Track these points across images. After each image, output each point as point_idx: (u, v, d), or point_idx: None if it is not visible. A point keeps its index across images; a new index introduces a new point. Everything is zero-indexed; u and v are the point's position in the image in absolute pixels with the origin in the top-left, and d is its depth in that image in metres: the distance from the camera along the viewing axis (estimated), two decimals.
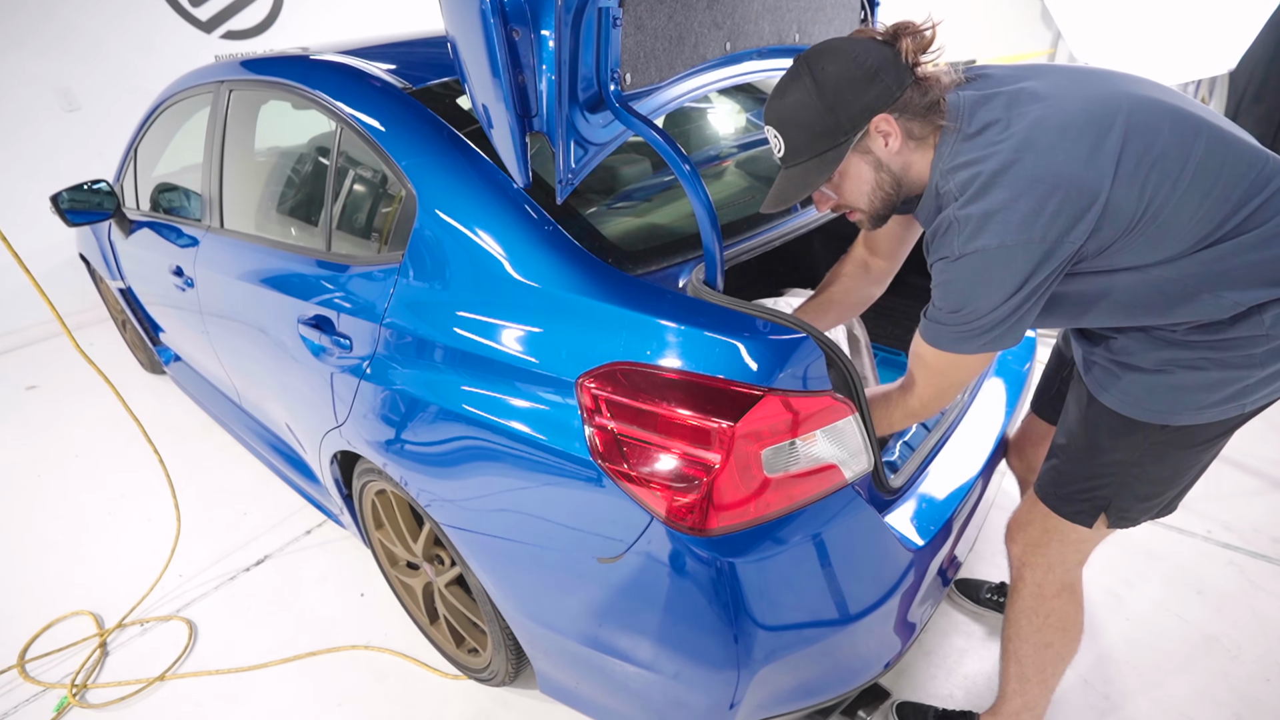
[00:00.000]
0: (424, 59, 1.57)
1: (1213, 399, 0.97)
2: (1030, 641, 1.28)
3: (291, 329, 1.57)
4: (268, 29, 4.65)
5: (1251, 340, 0.93)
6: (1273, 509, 2.11)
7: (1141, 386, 1.02)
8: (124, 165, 2.71)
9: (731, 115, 2.11)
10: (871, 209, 1.04)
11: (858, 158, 0.99)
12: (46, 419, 3.25)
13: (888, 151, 0.97)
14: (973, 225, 0.87)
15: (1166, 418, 1.01)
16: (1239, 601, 1.80)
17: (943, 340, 0.97)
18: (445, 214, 1.23)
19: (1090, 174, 0.86)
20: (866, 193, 1.02)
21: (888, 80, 0.93)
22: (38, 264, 3.74)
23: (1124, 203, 0.86)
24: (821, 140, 0.96)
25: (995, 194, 0.87)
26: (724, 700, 1.05)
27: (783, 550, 0.99)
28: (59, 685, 1.82)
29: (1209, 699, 1.56)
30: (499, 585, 1.30)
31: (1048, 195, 0.85)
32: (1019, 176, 0.86)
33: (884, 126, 0.95)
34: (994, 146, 0.89)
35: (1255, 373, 0.95)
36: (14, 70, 3.75)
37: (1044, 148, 0.87)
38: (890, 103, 0.94)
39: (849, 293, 1.33)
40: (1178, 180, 0.87)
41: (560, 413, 1.04)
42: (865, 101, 0.93)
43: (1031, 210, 0.85)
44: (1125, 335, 1.03)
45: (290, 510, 2.42)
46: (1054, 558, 1.22)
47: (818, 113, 0.94)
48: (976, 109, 0.93)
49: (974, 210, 0.88)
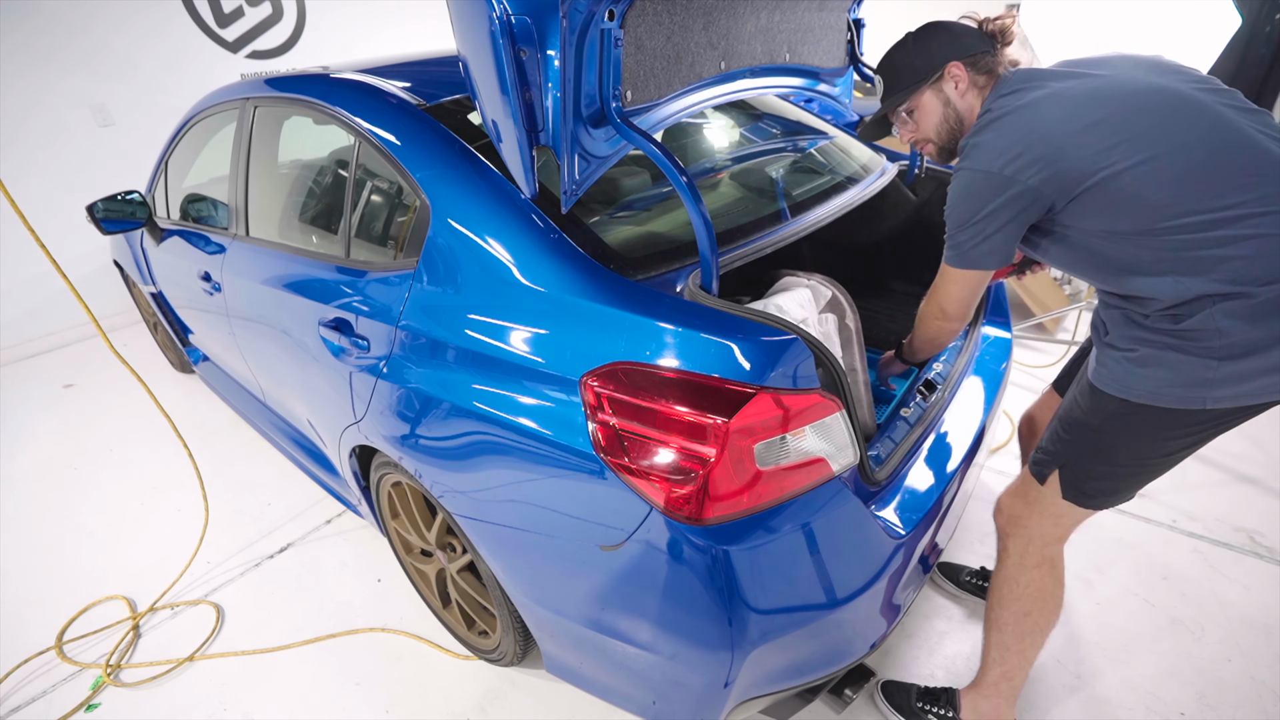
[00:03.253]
0: (437, 77, 1.57)
1: (1170, 381, 0.99)
2: (1010, 609, 1.30)
3: (313, 331, 1.57)
4: (290, 49, 4.65)
5: (1206, 333, 0.95)
6: (1234, 499, 2.11)
7: (1114, 360, 1.06)
8: (155, 177, 2.71)
9: (726, 130, 2.10)
10: (940, 139, 1.22)
11: (931, 94, 1.19)
12: (83, 415, 3.25)
13: (957, 93, 1.17)
14: (967, 150, 1.07)
15: (1126, 392, 1.04)
16: (1202, 586, 1.80)
17: (947, 254, 1.14)
18: (457, 223, 1.23)
19: (1060, 131, 0.99)
20: (935, 124, 1.21)
21: (967, 41, 1.15)
22: (75, 270, 3.75)
23: (1079, 159, 0.97)
24: (907, 76, 1.19)
25: (986, 132, 1.05)
26: (719, 679, 1.05)
27: (774, 538, 0.99)
28: (94, 665, 1.82)
29: (1174, 678, 1.56)
30: (508, 571, 1.30)
31: (1018, 140, 1.00)
32: (1007, 124, 1.03)
33: (955, 71, 1.15)
34: (1006, 104, 1.06)
35: (1214, 366, 0.96)
36: (53, 88, 3.75)
37: (1035, 110, 1.02)
38: (964, 55, 1.15)
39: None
40: (1147, 155, 0.94)
41: (565, 409, 1.04)
42: (945, 51, 1.15)
43: (1003, 148, 1.01)
44: (1109, 315, 1.09)
45: (311, 501, 2.42)
46: (1034, 529, 1.24)
47: (909, 57, 1.19)
48: (1017, 80, 1.10)
49: (972, 140, 1.07)
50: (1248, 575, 1.83)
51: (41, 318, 4.07)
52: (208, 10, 4.20)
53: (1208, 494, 2.13)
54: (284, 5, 4.53)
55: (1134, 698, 1.52)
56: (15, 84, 3.63)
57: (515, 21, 0.90)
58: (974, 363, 1.67)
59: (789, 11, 1.32)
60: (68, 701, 1.72)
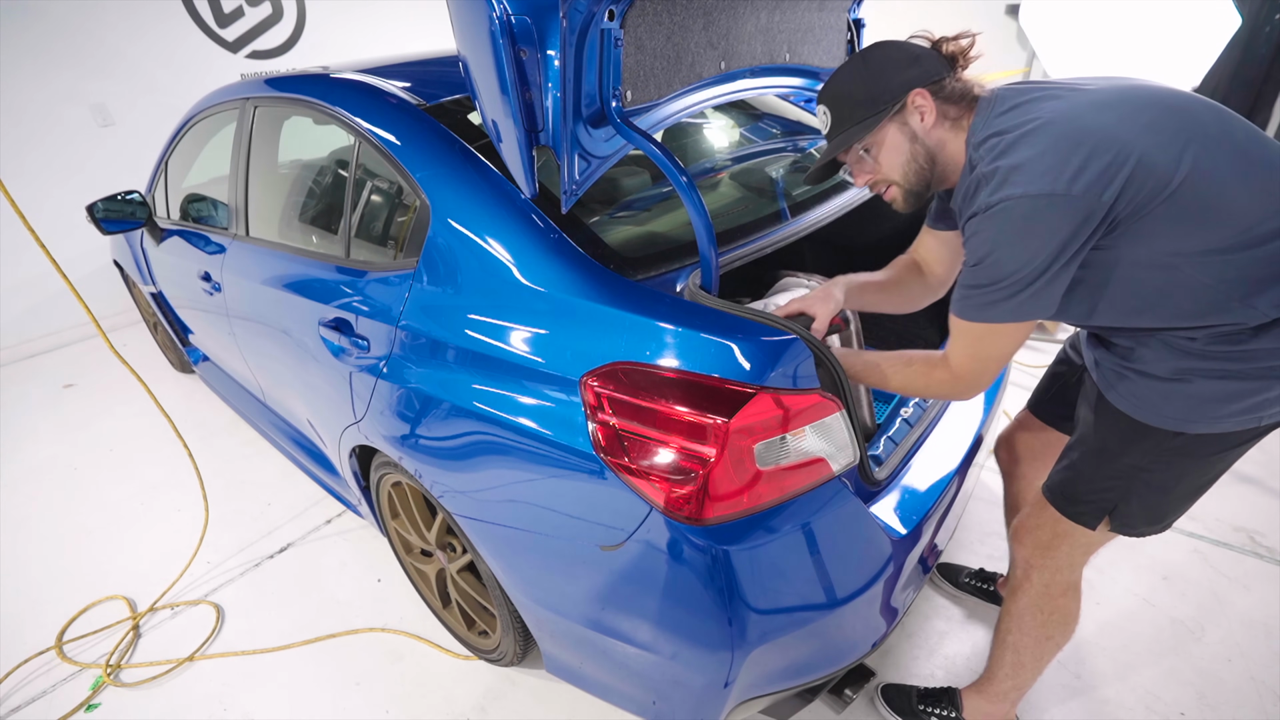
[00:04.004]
0: (437, 77, 1.57)
1: (1230, 409, 0.91)
2: (1032, 635, 1.26)
3: (313, 331, 1.57)
4: (290, 49, 4.65)
5: (1274, 352, 0.87)
6: (1234, 500, 2.10)
7: (1156, 393, 0.95)
8: (155, 177, 2.71)
9: (726, 130, 2.10)
10: (906, 182, 1.02)
11: (895, 129, 0.99)
12: (83, 415, 3.25)
13: (923, 126, 0.98)
14: (999, 177, 0.84)
15: (1182, 425, 0.95)
16: (1203, 587, 1.80)
17: (970, 308, 0.91)
18: (457, 223, 1.23)
19: (1121, 131, 0.81)
20: (901, 164, 1.00)
21: (928, 65, 0.97)
22: (75, 270, 3.75)
23: (1158, 161, 0.80)
24: (863, 108, 0.98)
25: (1021, 149, 0.84)
26: (719, 679, 1.05)
27: (774, 538, 0.99)
28: (94, 665, 1.82)
29: (1174, 678, 1.56)
30: (507, 571, 1.30)
31: (1074, 148, 0.81)
32: (1046, 134, 0.83)
33: (920, 101, 0.96)
34: (1023, 117, 0.87)
35: (1276, 385, 0.88)
36: (53, 88, 3.75)
37: (1075, 114, 0.84)
38: (928, 82, 0.96)
39: (906, 286, 1.25)
40: (1218, 156, 0.81)
41: (565, 410, 1.04)
42: (905, 78, 0.96)
43: (1058, 161, 0.80)
44: (1140, 343, 0.95)
45: (311, 501, 2.42)
46: (1062, 560, 1.18)
47: (862, 84, 0.98)
48: (1010, 96, 0.93)
49: (1002, 164, 0.84)
50: (1248, 575, 1.82)
51: (41, 318, 4.07)
52: (208, 10, 4.20)
53: (1208, 494, 2.13)
54: (284, 5, 4.52)
55: (1134, 698, 1.52)
56: (15, 84, 3.63)
57: (515, 21, 0.90)
58: None
59: (789, 11, 1.32)
60: (68, 701, 1.72)
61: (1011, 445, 1.50)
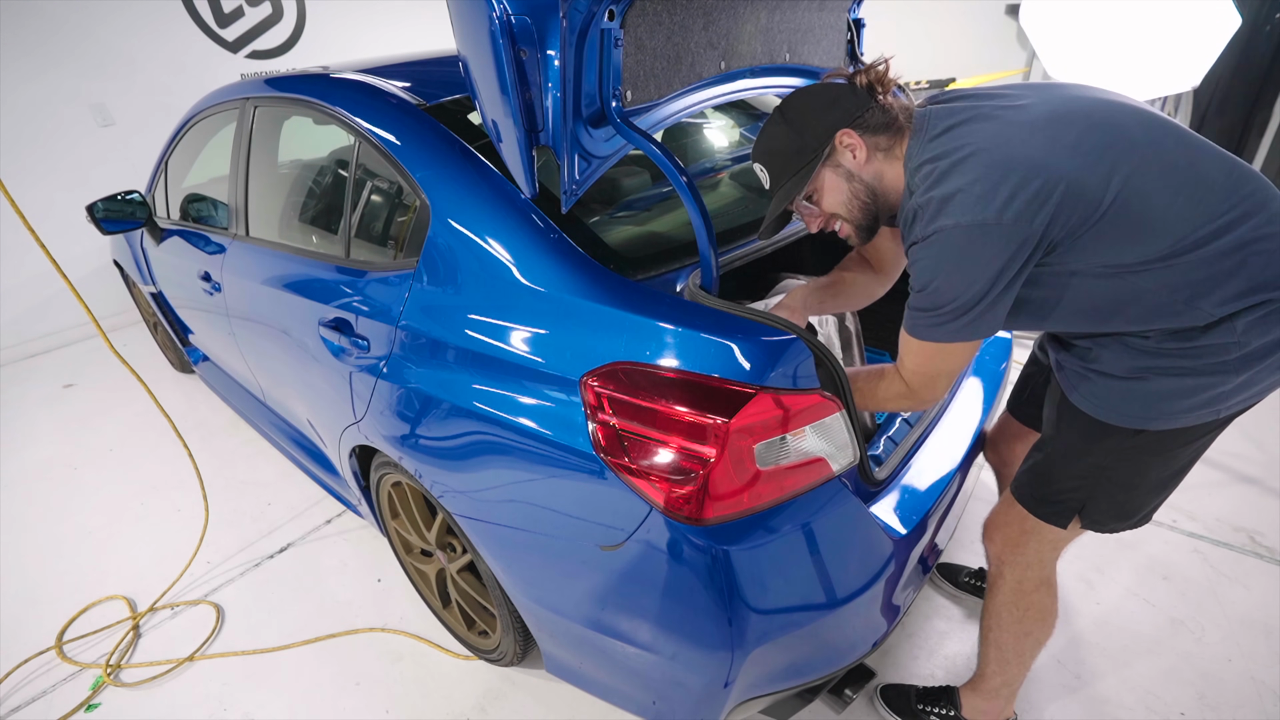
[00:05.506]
0: (437, 77, 1.57)
1: (1187, 404, 0.94)
2: (1011, 631, 1.28)
3: (313, 331, 1.57)
4: (290, 49, 4.65)
5: (1223, 347, 0.89)
6: (1234, 500, 2.11)
7: (1115, 392, 0.98)
8: (155, 177, 2.71)
9: (726, 130, 2.10)
10: (853, 218, 1.05)
11: (830, 171, 1.02)
12: (83, 415, 3.25)
13: (856, 163, 1.00)
14: (933, 208, 0.87)
15: (1142, 422, 0.97)
16: (1203, 587, 1.80)
17: (919, 329, 0.95)
18: (457, 223, 1.23)
19: (1050, 158, 0.84)
20: (844, 202, 1.03)
21: (846, 104, 0.99)
22: (74, 270, 3.76)
23: (1089, 184, 0.83)
24: (795, 160, 1.01)
25: (953, 179, 0.86)
26: (719, 679, 1.05)
27: (774, 538, 0.99)
28: (94, 665, 1.82)
29: (1174, 678, 1.56)
30: (508, 571, 1.30)
31: (1003, 177, 0.83)
32: (976, 163, 0.86)
33: (848, 140, 0.98)
34: (955, 142, 0.90)
35: (1229, 379, 0.91)
36: (53, 88, 3.76)
37: (1003, 140, 0.87)
38: (851, 121, 0.98)
39: (857, 283, 1.30)
40: (1147, 171, 0.84)
41: (565, 410, 1.04)
42: (827, 122, 0.98)
43: (987, 190, 0.83)
44: (1098, 345, 0.98)
45: (311, 501, 2.42)
46: (1032, 556, 1.20)
47: (788, 139, 1.01)
48: (942, 118, 0.94)
49: (934, 194, 0.87)
50: (1248, 575, 1.82)
51: (41, 318, 4.07)
52: (208, 10, 4.20)
53: (1208, 494, 2.13)
54: (284, 5, 4.53)
55: (1134, 698, 1.52)
56: (15, 84, 3.63)
57: (515, 21, 0.90)
58: (973, 363, 1.67)
59: (789, 11, 1.32)
60: (68, 701, 1.72)
61: (996, 447, 1.52)
